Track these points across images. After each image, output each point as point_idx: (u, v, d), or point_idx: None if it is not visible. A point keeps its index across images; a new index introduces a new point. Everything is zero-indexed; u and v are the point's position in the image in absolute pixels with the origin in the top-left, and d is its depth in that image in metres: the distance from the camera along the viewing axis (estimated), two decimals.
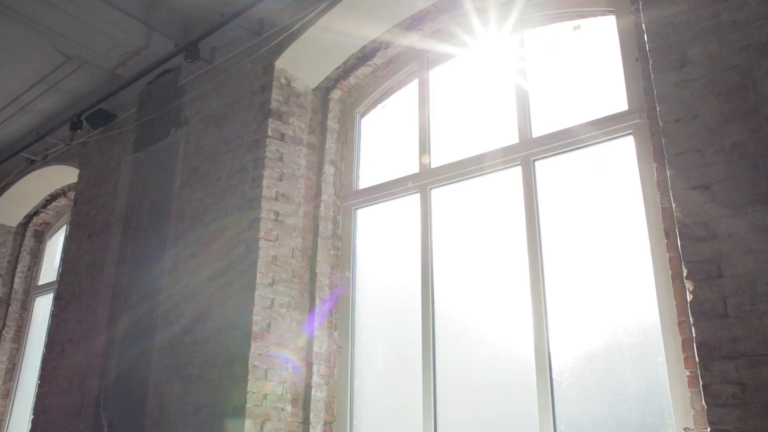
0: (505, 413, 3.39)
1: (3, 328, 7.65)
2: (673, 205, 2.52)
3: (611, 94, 3.49)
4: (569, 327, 3.28)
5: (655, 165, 3.01)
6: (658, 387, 2.91)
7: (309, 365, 3.98)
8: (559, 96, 3.76)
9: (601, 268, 3.27)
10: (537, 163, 3.68)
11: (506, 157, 3.78)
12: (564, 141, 3.55)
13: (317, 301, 4.12)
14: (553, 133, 3.61)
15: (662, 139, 2.62)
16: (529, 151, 3.68)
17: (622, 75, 3.42)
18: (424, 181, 4.13)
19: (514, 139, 3.80)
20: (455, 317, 3.77)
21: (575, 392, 3.17)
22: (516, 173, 3.73)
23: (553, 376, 3.23)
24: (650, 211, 3.08)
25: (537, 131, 3.73)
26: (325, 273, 4.23)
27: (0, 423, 7.42)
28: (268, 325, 3.87)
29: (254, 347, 3.76)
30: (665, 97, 2.63)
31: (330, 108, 4.64)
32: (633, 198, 3.22)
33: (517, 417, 3.33)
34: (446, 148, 4.16)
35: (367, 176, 4.52)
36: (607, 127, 3.40)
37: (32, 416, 5.67)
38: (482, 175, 3.90)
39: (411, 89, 4.54)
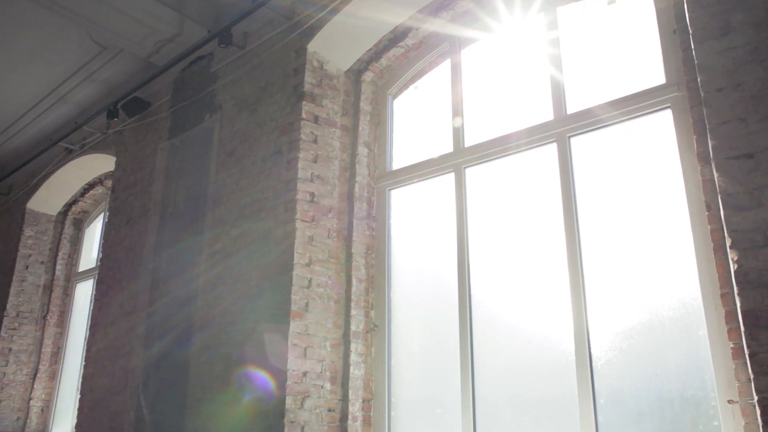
0: (545, 389, 3.40)
1: (47, 313, 7.90)
2: (716, 175, 2.49)
3: (648, 68, 3.44)
4: (608, 304, 3.28)
5: (694, 137, 2.97)
6: (699, 360, 2.90)
7: (347, 343, 4.05)
8: (594, 72, 3.72)
9: (640, 243, 3.25)
10: (572, 140, 3.66)
11: (541, 134, 3.76)
12: (600, 117, 3.52)
13: (353, 281, 4.17)
14: (588, 109, 3.58)
15: (703, 109, 2.58)
16: (564, 128, 3.66)
17: (659, 48, 3.38)
18: (458, 160, 4.14)
19: (548, 116, 3.78)
20: (492, 295, 3.79)
21: (615, 368, 3.17)
22: (551, 150, 3.71)
23: (592, 351, 3.24)
24: (690, 184, 3.05)
25: (572, 108, 3.70)
26: (360, 253, 4.28)
27: (48, 403, 7.68)
28: (306, 304, 3.93)
29: (293, 326, 3.83)
30: (707, 66, 2.59)
31: (362, 90, 4.67)
32: (672, 172, 3.19)
33: (556, 392, 3.35)
34: (480, 127, 4.16)
35: (401, 157, 4.55)
36: (644, 101, 3.36)
37: (79, 396, 5.86)
38: (517, 152, 3.89)
39: (443, 69, 4.53)
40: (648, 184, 3.30)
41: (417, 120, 4.61)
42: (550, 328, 3.47)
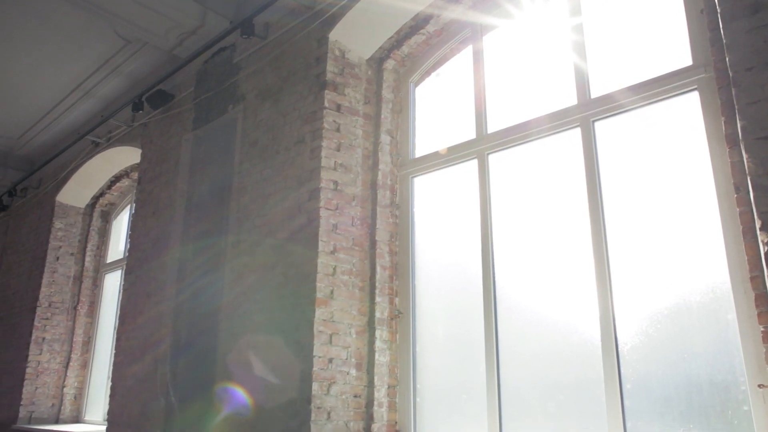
0: (570, 374, 3.40)
1: (78, 303, 8.07)
2: (745, 156, 2.45)
3: (673, 50, 3.39)
4: (634, 289, 3.26)
5: (722, 119, 2.93)
6: (728, 345, 2.87)
7: (372, 330, 4.08)
8: (618, 55, 3.68)
9: (666, 228, 3.22)
10: (597, 125, 3.62)
11: (564, 119, 3.73)
12: (624, 100, 3.48)
13: (378, 268, 4.20)
14: (612, 93, 3.55)
15: (732, 89, 2.54)
16: (588, 112, 3.63)
17: (686, 29, 3.32)
18: (481, 146, 4.13)
19: (572, 100, 3.75)
20: (516, 282, 3.79)
21: (641, 353, 3.15)
22: (575, 135, 3.69)
23: (618, 337, 3.22)
24: (718, 167, 3.01)
25: (595, 92, 3.67)
26: (384, 241, 4.30)
27: (80, 390, 7.88)
28: (331, 291, 3.97)
29: (318, 313, 3.87)
30: (736, 45, 2.55)
31: (384, 78, 4.67)
32: (699, 154, 3.14)
33: (581, 378, 3.34)
34: (502, 114, 4.14)
35: (423, 144, 4.55)
36: (670, 83, 3.31)
37: (110, 383, 5.99)
38: (540, 138, 3.87)
39: (465, 56, 4.51)
40: (674, 168, 3.26)
41: (439, 107, 4.60)
42: (575, 313, 3.46)
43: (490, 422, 3.59)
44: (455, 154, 4.25)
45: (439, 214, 4.33)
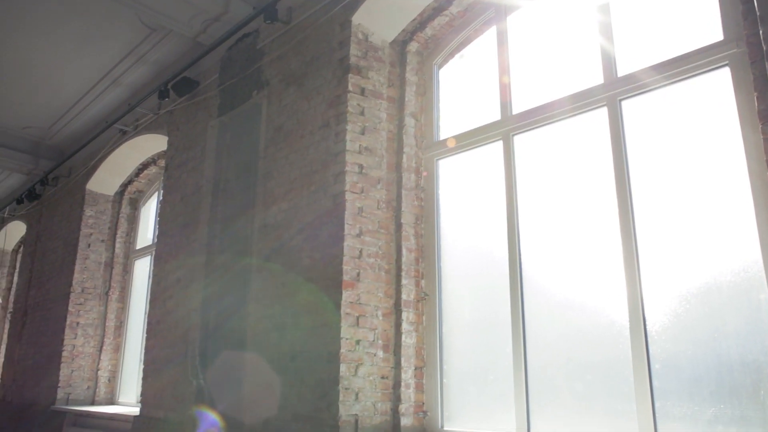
0: (598, 355, 3.39)
1: (109, 289, 8.26)
2: None
3: (703, 25, 3.32)
4: (663, 269, 3.22)
5: (755, 94, 2.86)
6: (760, 324, 2.83)
7: (398, 312, 4.12)
8: (645, 33, 3.61)
9: (696, 207, 3.18)
10: (623, 103, 3.57)
11: (591, 98, 3.69)
12: (652, 78, 3.42)
13: (403, 251, 4.22)
14: (640, 71, 3.49)
15: (766, 63, 2.49)
16: (614, 91, 3.58)
17: (717, 3, 3.25)
18: (506, 127, 4.10)
19: (598, 80, 3.70)
20: (542, 262, 3.77)
21: (671, 333, 3.13)
22: (602, 114, 3.64)
23: (647, 316, 3.20)
24: (750, 144, 2.95)
25: (622, 70, 3.61)
26: (410, 223, 4.31)
27: (114, 373, 8.08)
28: (358, 274, 4.00)
29: (345, 295, 3.91)
30: None
31: (408, 60, 4.65)
32: (730, 131, 3.09)
33: (609, 358, 3.33)
34: (527, 94, 4.10)
35: (448, 127, 4.53)
36: (699, 60, 3.25)
37: (142, 366, 6.14)
38: (566, 118, 3.83)
39: (489, 37, 4.47)
40: (704, 146, 3.21)
41: (463, 89, 4.57)
42: (602, 293, 3.44)
43: (517, 402, 3.60)
44: (480, 136, 4.23)
45: (465, 197, 4.32)
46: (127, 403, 7.61)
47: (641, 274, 3.26)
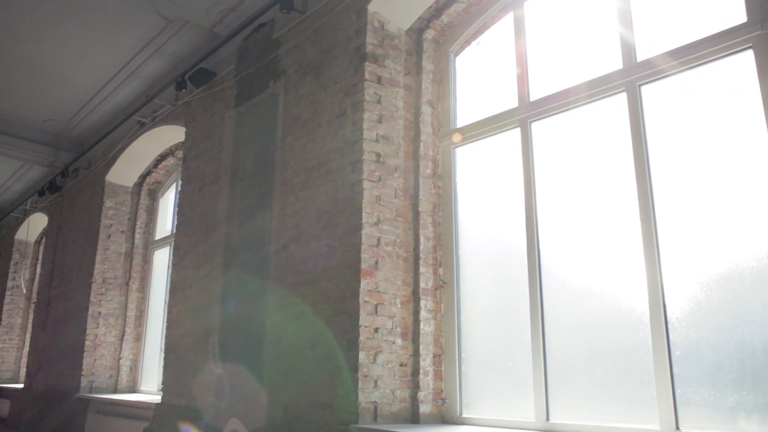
0: (617, 342, 3.38)
1: (129, 279, 8.37)
2: None
3: (725, 8, 3.27)
4: (683, 255, 3.20)
5: None
6: None
7: (417, 300, 4.13)
8: (665, 15, 3.56)
9: (717, 192, 3.14)
10: (643, 88, 3.53)
11: (609, 83, 3.65)
12: (673, 62, 3.38)
13: (421, 239, 4.22)
14: (659, 55, 3.44)
15: None
16: (634, 76, 3.54)
17: None
18: (524, 114, 4.08)
19: (617, 65, 3.66)
20: (561, 250, 3.76)
21: (692, 320, 3.11)
22: (621, 100, 3.61)
23: (667, 303, 3.18)
24: None
25: (642, 55, 3.57)
26: (427, 211, 4.31)
27: (135, 362, 8.21)
28: (376, 262, 4.02)
29: (364, 284, 3.92)
30: None
31: (424, 48, 4.63)
32: (753, 116, 3.04)
33: (629, 345, 3.32)
34: (545, 81, 4.07)
35: (465, 114, 4.51)
36: (721, 43, 3.20)
37: (163, 355, 6.22)
38: (584, 104, 3.80)
39: (506, 23, 4.44)
40: (726, 130, 3.17)
41: (480, 76, 4.55)
42: (622, 280, 3.42)
43: (536, 389, 3.60)
44: (497, 123, 4.21)
45: (482, 184, 4.31)
46: (149, 391, 7.73)
47: (661, 260, 3.24)
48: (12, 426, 9.78)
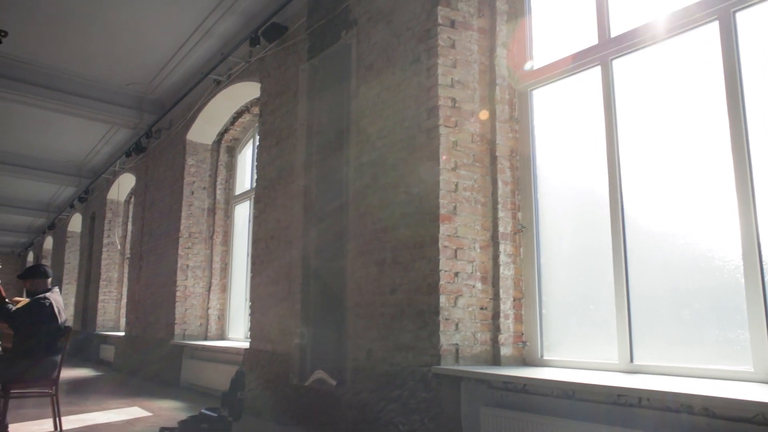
0: (707, 280, 3.28)
1: (213, 233, 8.78)
2: None
3: None
4: None
5: None
6: None
7: (496, 244, 4.14)
8: None
9: None
10: (738, 15, 3.31)
11: (700, 12, 3.43)
12: None
13: (499, 183, 4.20)
14: None
15: None
16: (726, 3, 3.32)
17: None
18: (604, 52, 3.92)
19: None
20: (645, 193, 3.64)
21: None
22: (712, 30, 3.39)
23: (762, 243, 3.05)
24: None
25: None
26: (505, 156, 4.27)
27: (222, 312, 8.68)
28: (454, 207, 4.04)
29: (443, 229, 3.96)
30: None
31: None
32: None
33: (719, 284, 3.22)
34: (628, 14, 3.88)
35: (541, 55, 4.38)
36: None
37: (249, 304, 6.54)
38: (671, 37, 3.60)
39: None
40: None
41: (556, 13, 4.38)
42: (711, 221, 3.29)
43: (620, 332, 3.56)
44: (576, 63, 4.07)
45: (561, 127, 4.21)
46: (236, 339, 8.18)
47: (756, 197, 3.08)
48: (117, 369, 10.63)
